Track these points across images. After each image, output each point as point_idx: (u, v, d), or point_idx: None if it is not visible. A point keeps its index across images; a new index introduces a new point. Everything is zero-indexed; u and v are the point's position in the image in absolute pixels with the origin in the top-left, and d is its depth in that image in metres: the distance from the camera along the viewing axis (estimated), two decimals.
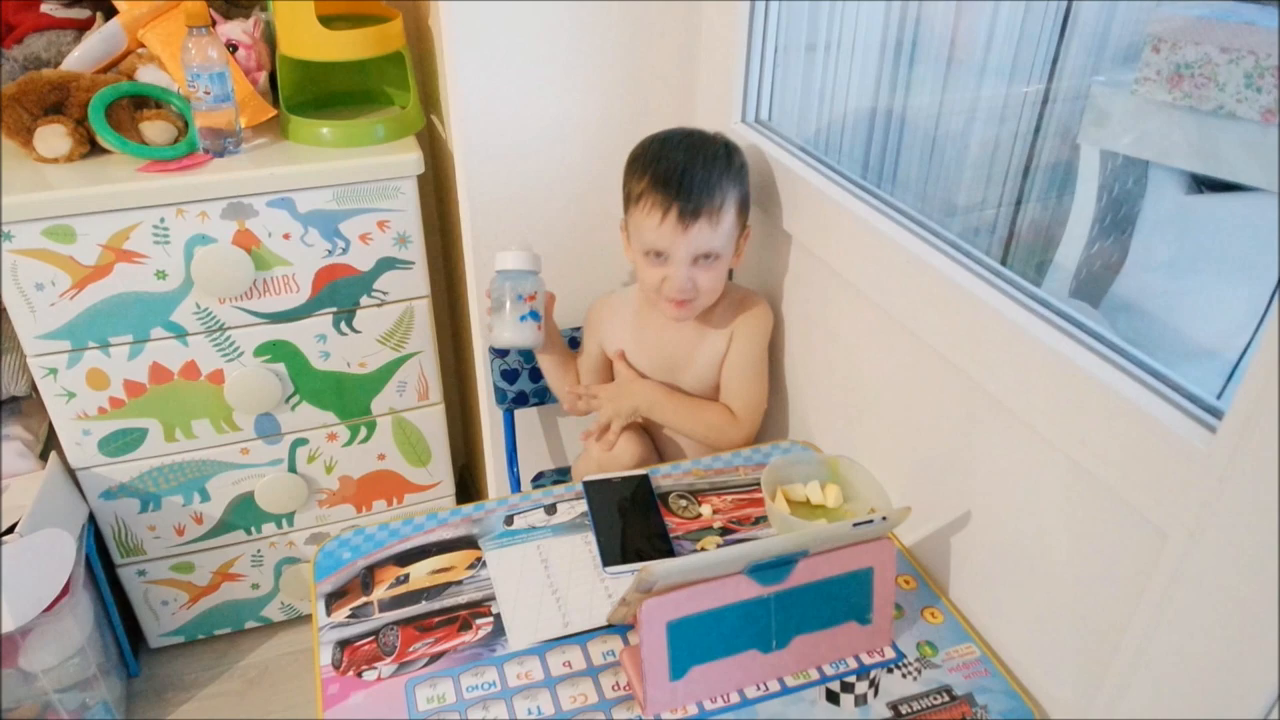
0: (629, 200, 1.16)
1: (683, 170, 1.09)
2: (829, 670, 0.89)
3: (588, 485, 1.11)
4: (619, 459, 1.22)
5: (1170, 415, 0.68)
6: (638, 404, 1.23)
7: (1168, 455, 0.67)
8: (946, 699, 0.87)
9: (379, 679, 0.87)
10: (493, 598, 0.96)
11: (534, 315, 1.20)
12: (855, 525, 0.84)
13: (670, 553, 1.02)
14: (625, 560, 1.01)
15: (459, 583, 0.98)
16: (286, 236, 1.37)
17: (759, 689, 0.86)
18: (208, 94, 1.29)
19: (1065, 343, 0.79)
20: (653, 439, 1.32)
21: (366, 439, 1.60)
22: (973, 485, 0.94)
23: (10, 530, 1.33)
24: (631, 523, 1.06)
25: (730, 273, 1.26)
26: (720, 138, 1.16)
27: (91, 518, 1.50)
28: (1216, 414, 0.68)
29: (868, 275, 1.04)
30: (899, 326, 1.00)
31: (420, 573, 0.99)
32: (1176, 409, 0.69)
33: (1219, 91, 1.00)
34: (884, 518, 0.85)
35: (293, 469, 1.58)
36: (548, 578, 0.99)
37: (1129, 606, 0.74)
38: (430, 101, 1.60)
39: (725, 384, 1.24)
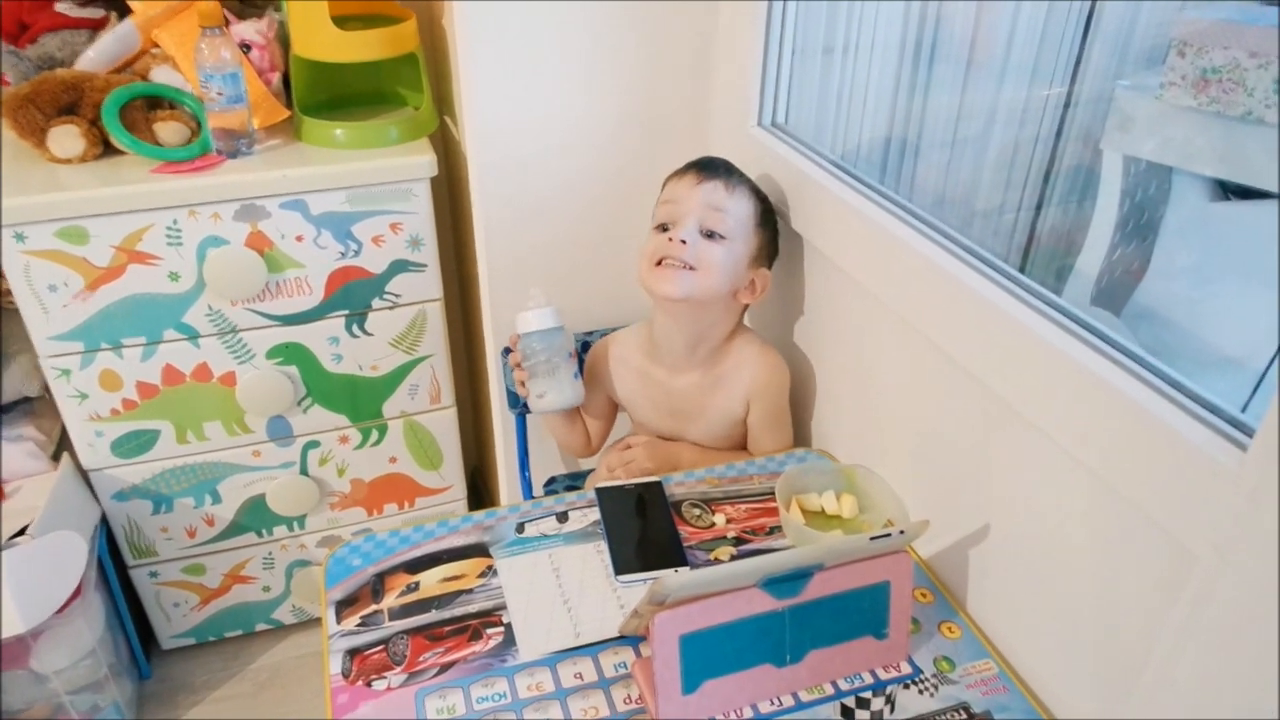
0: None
1: (712, 157, 1.16)
2: (844, 685, 0.87)
3: (600, 492, 1.09)
4: None
5: (1198, 432, 0.67)
6: (677, 464, 1.21)
7: (1196, 473, 0.65)
8: (964, 716, 0.85)
9: (389, 689, 0.86)
10: (503, 607, 0.95)
11: (579, 373, 1.18)
12: (872, 539, 0.82)
13: (683, 562, 1.01)
14: (638, 569, 0.99)
15: (470, 591, 0.97)
16: (299, 238, 1.37)
17: (772, 704, 0.85)
18: (221, 95, 1.29)
19: (1088, 354, 0.77)
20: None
21: (378, 442, 1.59)
22: (992, 498, 0.92)
23: (22, 532, 1.33)
24: (644, 531, 1.05)
25: (743, 318, 1.23)
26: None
27: (104, 519, 1.50)
28: (1246, 430, 0.66)
29: (886, 282, 1.03)
30: (917, 334, 0.98)
31: (431, 580, 0.98)
32: (1205, 425, 0.67)
33: (1247, 97, 0.98)
34: (901, 531, 0.83)
35: (304, 472, 1.57)
36: (559, 587, 0.98)
37: (1154, 625, 0.72)
38: (444, 103, 1.59)
39: (754, 441, 1.23)
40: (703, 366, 1.19)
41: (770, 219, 1.17)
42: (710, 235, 1.10)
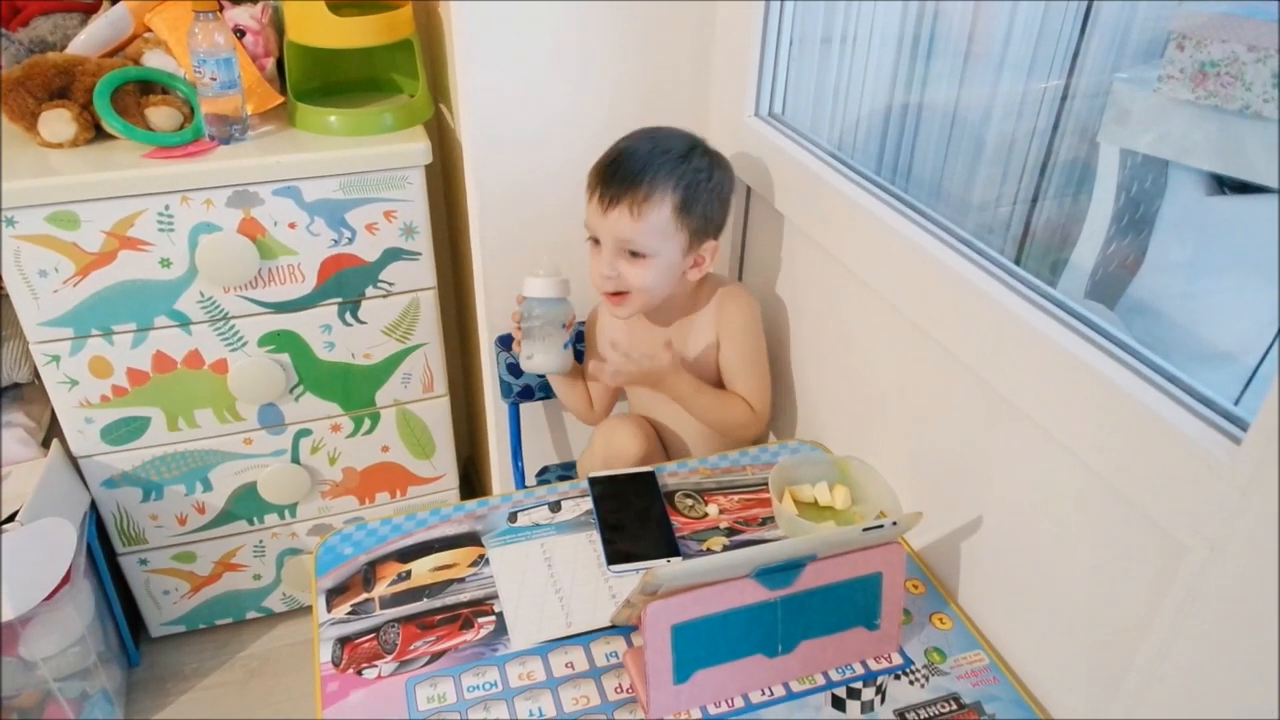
0: None
1: (620, 153, 1.10)
2: (835, 676, 0.87)
3: (593, 482, 1.09)
4: (624, 453, 1.19)
5: (1192, 425, 0.67)
6: (677, 393, 1.18)
7: (1189, 466, 0.65)
8: (954, 707, 0.85)
9: (379, 677, 0.86)
10: (495, 596, 0.95)
11: (570, 342, 1.20)
12: (865, 530, 0.82)
13: (676, 552, 1.01)
14: (630, 560, 0.99)
15: (461, 580, 0.97)
16: (292, 226, 1.36)
17: (764, 694, 0.85)
18: (214, 80, 1.28)
19: (1083, 346, 0.77)
20: (659, 434, 1.30)
21: (370, 431, 1.59)
22: (985, 489, 0.92)
23: (12, 518, 1.32)
24: (637, 522, 1.04)
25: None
26: (692, 139, 1.12)
27: (93, 506, 1.49)
28: (1240, 424, 0.66)
29: (881, 274, 1.03)
30: (912, 326, 0.98)
31: (422, 569, 0.98)
32: (1199, 419, 0.67)
33: (1245, 91, 0.97)
34: (894, 523, 0.83)
35: (296, 460, 1.57)
36: (551, 576, 0.98)
37: (1145, 618, 0.72)
38: (439, 90, 1.58)
39: (730, 382, 1.22)
40: (682, 317, 1.22)
41: (697, 198, 1.09)
42: (632, 253, 1.10)
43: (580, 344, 1.36)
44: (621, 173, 1.08)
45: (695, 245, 1.12)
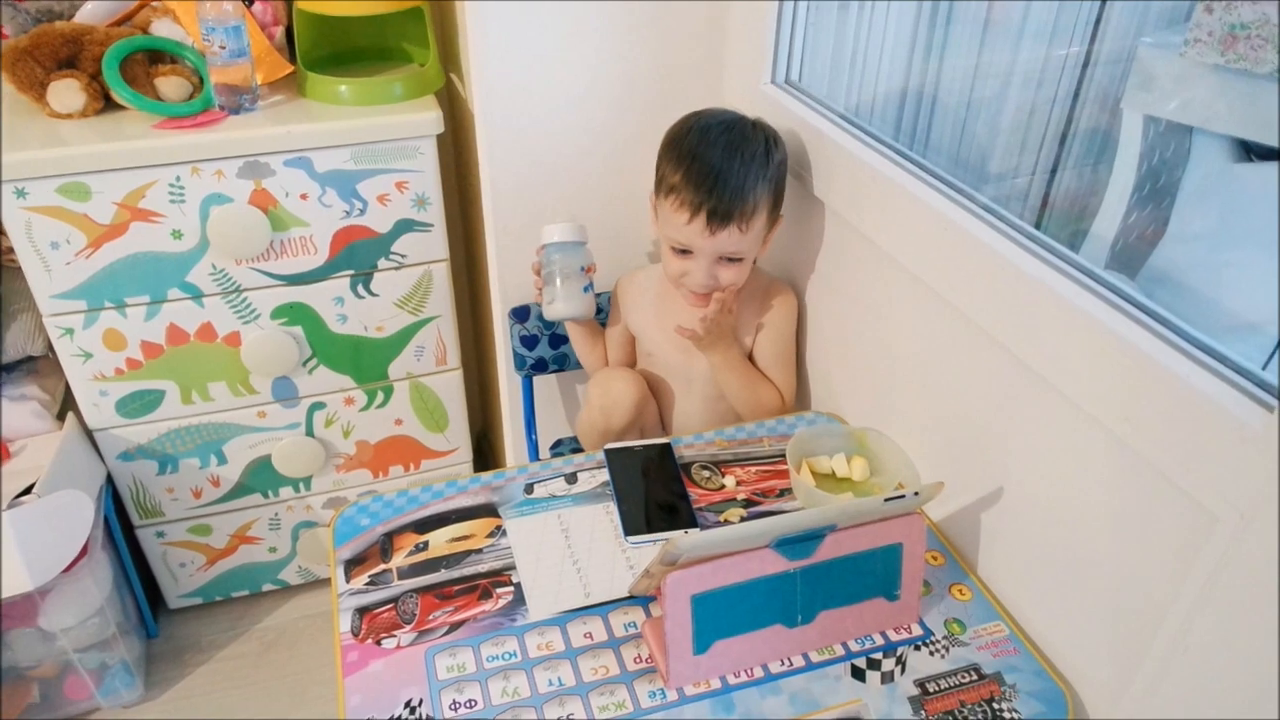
0: (660, 185, 1.13)
1: (718, 172, 1.06)
2: (855, 646, 0.87)
3: (609, 453, 1.09)
4: (621, 399, 1.21)
5: (1224, 392, 0.65)
6: (728, 357, 1.19)
7: (1220, 434, 0.64)
8: (975, 677, 0.85)
9: (398, 647, 0.86)
10: (513, 567, 0.95)
11: (590, 286, 1.20)
12: (886, 500, 0.81)
13: (693, 524, 1.00)
14: (647, 530, 0.99)
15: (479, 551, 0.97)
16: (304, 197, 1.35)
17: (783, 664, 0.85)
18: (223, 48, 1.26)
19: (1109, 313, 0.76)
20: (661, 411, 1.30)
21: (384, 404, 1.58)
22: (1005, 460, 0.91)
23: (28, 490, 1.32)
24: (654, 492, 1.04)
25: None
26: (762, 129, 1.12)
27: (109, 479, 1.49)
28: (1272, 391, 0.65)
29: (899, 241, 1.01)
30: (931, 293, 0.97)
31: (439, 540, 0.98)
32: (1231, 385, 0.66)
33: (1275, 54, 0.95)
34: (916, 493, 0.83)
35: (310, 433, 1.57)
36: (568, 547, 0.97)
37: (1170, 589, 0.72)
38: (450, 59, 1.56)
39: (763, 370, 1.24)
40: None
41: (781, 190, 1.13)
42: (731, 259, 1.12)
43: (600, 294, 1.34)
44: (730, 193, 1.06)
45: (770, 226, 1.14)
